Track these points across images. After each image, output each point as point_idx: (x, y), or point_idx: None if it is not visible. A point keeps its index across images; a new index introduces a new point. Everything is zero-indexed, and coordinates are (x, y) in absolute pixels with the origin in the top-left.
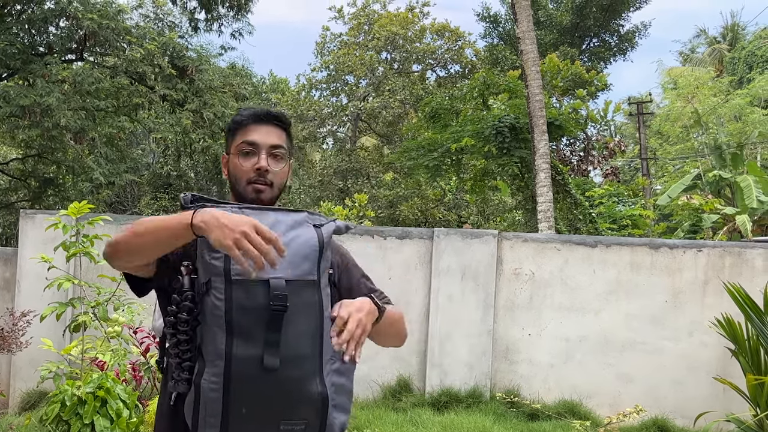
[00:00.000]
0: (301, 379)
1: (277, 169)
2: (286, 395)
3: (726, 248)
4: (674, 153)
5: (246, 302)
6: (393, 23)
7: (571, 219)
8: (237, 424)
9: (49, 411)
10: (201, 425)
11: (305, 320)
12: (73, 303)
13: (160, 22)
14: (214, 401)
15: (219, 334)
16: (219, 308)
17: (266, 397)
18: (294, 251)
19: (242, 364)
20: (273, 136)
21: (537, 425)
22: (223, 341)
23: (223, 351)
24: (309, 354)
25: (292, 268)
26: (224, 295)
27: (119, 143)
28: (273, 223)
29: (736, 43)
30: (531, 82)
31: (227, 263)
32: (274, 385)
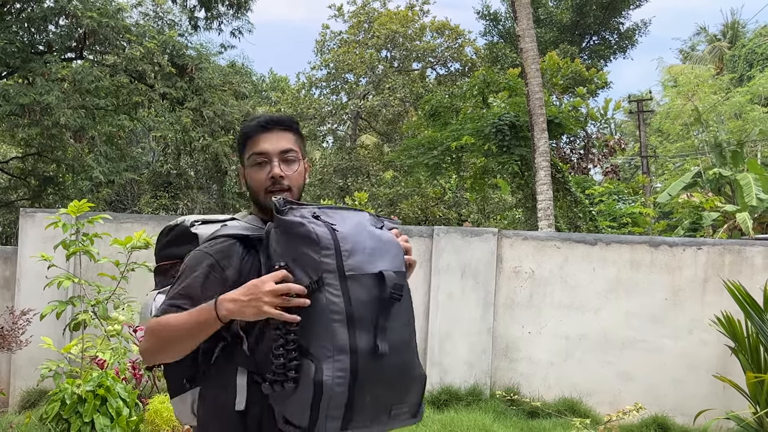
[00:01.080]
0: (410, 363)
1: (291, 172)
2: (400, 380)
3: (726, 246)
4: (674, 151)
5: (363, 296)
6: (393, 21)
7: (571, 217)
8: (359, 413)
9: (49, 409)
10: (321, 420)
11: (405, 308)
12: (73, 301)
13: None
14: (339, 395)
15: (340, 329)
16: (337, 304)
17: (386, 384)
18: (387, 244)
19: (366, 356)
20: (282, 141)
21: (537, 423)
22: (345, 336)
23: (347, 345)
24: (410, 338)
25: (390, 260)
26: (341, 291)
27: (119, 142)
28: (357, 223)
29: (736, 41)
30: (531, 80)
31: (339, 260)
32: (392, 371)
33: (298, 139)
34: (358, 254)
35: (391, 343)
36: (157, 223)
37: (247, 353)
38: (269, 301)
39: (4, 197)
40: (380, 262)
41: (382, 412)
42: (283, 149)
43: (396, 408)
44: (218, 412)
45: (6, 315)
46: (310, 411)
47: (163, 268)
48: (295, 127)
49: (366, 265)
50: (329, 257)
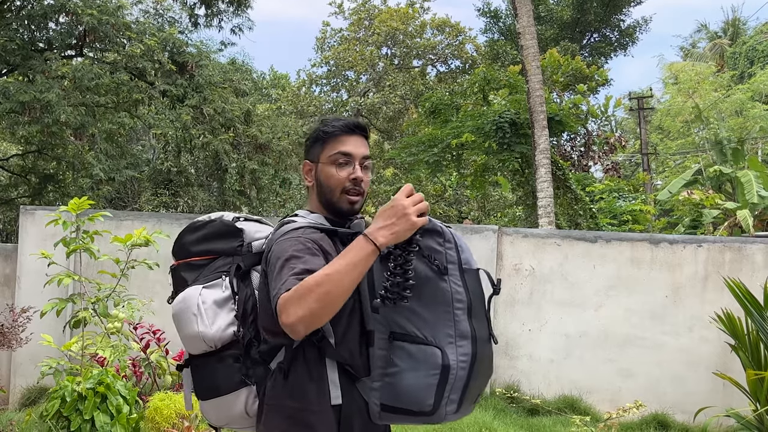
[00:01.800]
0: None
1: (367, 178)
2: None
3: (726, 243)
4: (675, 148)
5: (476, 288)
6: (393, 18)
7: (572, 214)
8: (468, 396)
9: (49, 407)
10: (444, 402)
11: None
12: (74, 299)
13: (159, 18)
14: (461, 379)
15: (462, 317)
16: (461, 293)
17: (487, 370)
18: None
19: (482, 343)
20: (363, 147)
21: (537, 420)
22: (467, 323)
23: (469, 332)
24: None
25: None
26: (461, 282)
27: (119, 139)
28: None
29: (737, 38)
30: (531, 78)
31: (458, 253)
32: (491, 359)
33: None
34: (465, 251)
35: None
36: (157, 220)
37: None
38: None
39: (4, 195)
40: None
41: (477, 395)
42: (365, 155)
43: (479, 397)
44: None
45: (6, 312)
46: (435, 394)
47: (197, 264)
48: (367, 134)
49: (471, 262)
50: (452, 249)
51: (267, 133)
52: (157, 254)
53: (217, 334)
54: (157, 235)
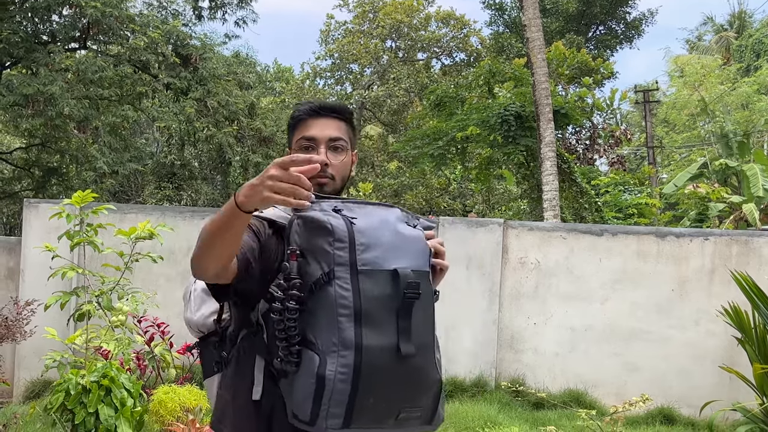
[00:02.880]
0: (427, 366)
1: (337, 161)
2: (415, 383)
3: (733, 237)
4: (681, 141)
5: (375, 291)
6: (398, 11)
7: (577, 208)
8: (363, 413)
9: (53, 400)
10: (321, 416)
11: (426, 309)
12: (77, 292)
13: (163, 10)
14: (341, 392)
15: (347, 324)
16: (346, 298)
17: (396, 386)
18: (410, 243)
19: (375, 354)
20: (331, 128)
21: (542, 414)
22: (352, 332)
23: (353, 341)
24: (429, 342)
25: (411, 259)
26: (351, 285)
27: (123, 132)
28: (382, 219)
29: (743, 31)
30: (537, 70)
31: (352, 253)
32: (406, 373)
33: (349, 130)
34: (374, 249)
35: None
36: (161, 213)
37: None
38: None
39: (8, 188)
40: (399, 260)
41: (387, 414)
42: (332, 137)
43: (406, 411)
44: (234, 400)
45: (10, 306)
46: (312, 404)
47: None
48: (347, 116)
49: (382, 261)
50: (342, 250)
51: (271, 126)
52: (161, 247)
53: (200, 320)
54: (160, 229)
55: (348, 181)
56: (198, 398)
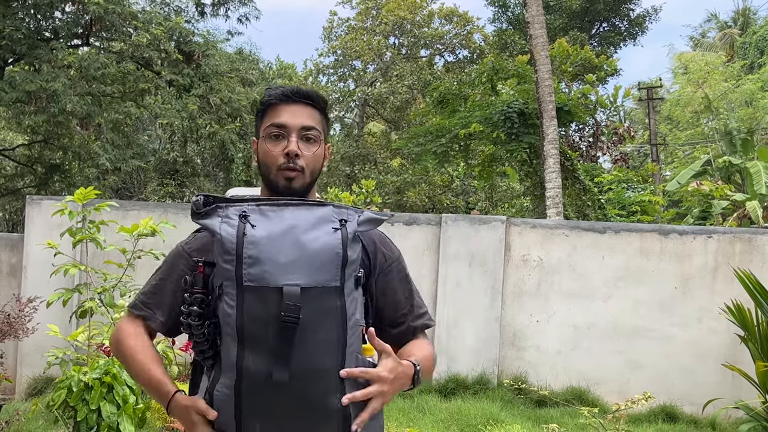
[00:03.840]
0: (319, 393)
1: (309, 153)
2: (302, 411)
3: (736, 234)
4: (684, 139)
5: (258, 311)
6: (401, 8)
7: (580, 205)
8: None
9: (55, 397)
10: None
11: (325, 330)
12: (80, 289)
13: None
14: (226, 414)
15: (231, 344)
16: (230, 316)
17: (280, 414)
18: (312, 255)
19: (253, 378)
20: (304, 116)
21: (544, 412)
22: (235, 352)
23: (233, 363)
24: (328, 367)
25: (310, 273)
26: (236, 303)
27: (125, 129)
28: (289, 227)
29: (747, 28)
30: (540, 67)
31: (239, 268)
32: (288, 401)
33: (323, 120)
34: (264, 263)
35: (298, 370)
36: (163, 210)
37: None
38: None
39: (10, 185)
40: (292, 275)
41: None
42: (305, 125)
43: None
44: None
45: (12, 302)
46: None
47: None
48: (321, 105)
49: (270, 277)
50: (230, 263)
51: None
52: (163, 244)
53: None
54: (163, 225)
55: (318, 175)
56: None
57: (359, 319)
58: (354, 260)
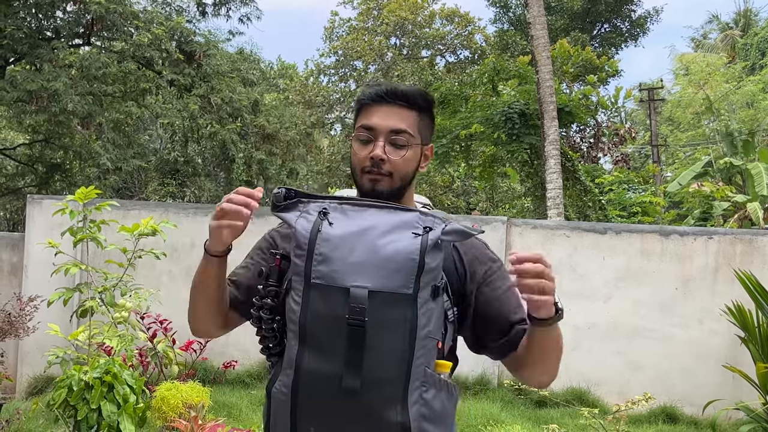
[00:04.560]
0: (380, 405)
1: (397, 157)
2: (359, 420)
3: (737, 236)
4: (685, 140)
5: (323, 310)
6: (402, 8)
7: (581, 206)
8: None
9: (56, 396)
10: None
11: (391, 339)
12: (80, 288)
13: (167, 7)
14: (282, 413)
15: (293, 341)
16: (295, 312)
17: (338, 418)
18: (386, 258)
19: (313, 380)
20: (395, 118)
21: (545, 413)
22: (295, 350)
23: (293, 360)
24: (392, 378)
25: (380, 277)
26: (301, 299)
27: (126, 129)
28: (366, 228)
29: (748, 29)
30: (541, 68)
31: (308, 264)
32: (347, 408)
33: (422, 121)
34: (333, 262)
35: (365, 378)
36: (164, 210)
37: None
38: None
39: (11, 184)
40: (360, 277)
41: None
42: (394, 129)
43: None
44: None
45: (13, 301)
46: (266, 419)
47: None
48: (420, 104)
49: (338, 276)
50: (300, 258)
51: (274, 123)
52: (164, 244)
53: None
54: (164, 225)
55: (412, 179)
56: (200, 395)
57: (432, 331)
58: (432, 269)
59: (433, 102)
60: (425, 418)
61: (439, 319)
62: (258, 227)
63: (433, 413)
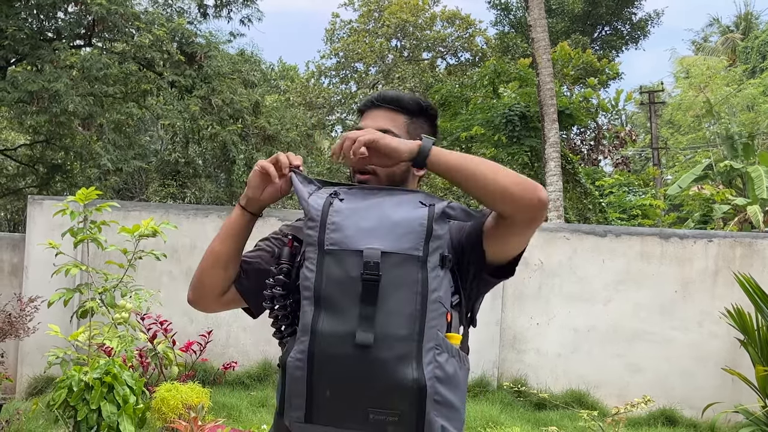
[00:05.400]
0: (393, 361)
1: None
2: (375, 378)
3: (737, 239)
4: (685, 143)
5: (338, 273)
6: (403, 10)
7: (581, 208)
8: (322, 407)
9: (56, 396)
10: (287, 408)
11: (403, 298)
12: (81, 289)
13: (168, 8)
14: (298, 380)
15: (308, 308)
16: (309, 279)
17: (353, 379)
18: (395, 223)
19: (329, 340)
20: (383, 120)
21: (544, 415)
22: (311, 315)
23: (309, 326)
24: (405, 335)
25: (391, 240)
26: (316, 266)
27: (127, 130)
28: (375, 202)
29: (749, 32)
30: (542, 71)
31: (322, 233)
32: (362, 366)
33: (412, 124)
34: (346, 229)
35: (376, 333)
36: (164, 211)
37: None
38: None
39: (12, 184)
40: (372, 240)
41: (352, 414)
42: (379, 129)
43: (376, 414)
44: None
45: (14, 302)
46: (279, 394)
47: None
48: (412, 109)
49: (350, 241)
50: (313, 229)
51: (275, 124)
52: (164, 245)
53: None
54: (164, 226)
55: (406, 179)
56: (200, 396)
57: (442, 296)
58: (440, 236)
59: (432, 108)
60: (439, 379)
61: (447, 290)
62: (257, 230)
63: (447, 376)
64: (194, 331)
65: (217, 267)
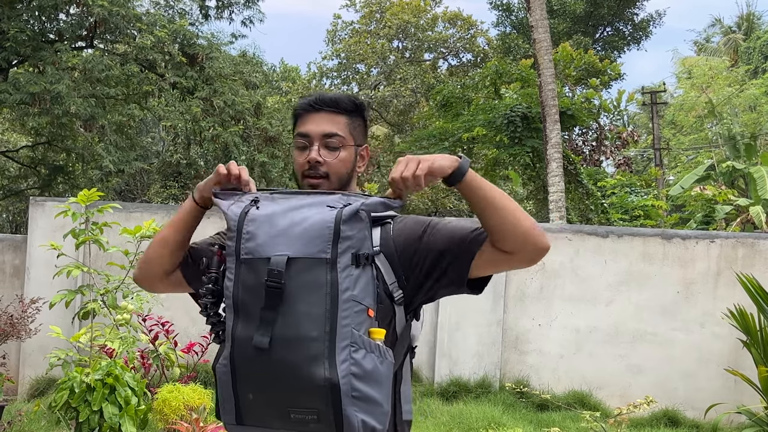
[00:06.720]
0: (303, 362)
1: (332, 159)
2: (285, 379)
3: (739, 239)
4: (687, 143)
5: (251, 281)
6: (405, 11)
7: (583, 209)
8: (248, 411)
9: (57, 398)
10: (222, 411)
11: (311, 300)
12: (82, 290)
13: (170, 9)
14: (225, 385)
15: (230, 315)
16: (228, 288)
17: (266, 382)
18: (304, 229)
19: (242, 346)
20: (326, 123)
21: (546, 416)
22: (231, 322)
23: (230, 333)
24: (315, 336)
25: (299, 245)
26: (234, 275)
27: (129, 131)
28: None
29: (751, 33)
30: (544, 71)
31: (238, 243)
32: (270, 368)
33: (352, 124)
34: (259, 237)
35: (280, 336)
36: (166, 212)
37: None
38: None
39: (14, 186)
40: (281, 247)
41: (274, 413)
42: (326, 133)
43: (296, 413)
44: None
45: (15, 303)
46: (216, 397)
47: None
48: (350, 109)
49: (262, 249)
50: (231, 239)
51: (277, 125)
52: None
53: None
54: None
55: (351, 177)
56: (202, 397)
57: (357, 295)
58: (349, 237)
59: (364, 106)
60: (356, 376)
61: (367, 286)
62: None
63: (365, 372)
64: (196, 332)
65: (165, 250)
